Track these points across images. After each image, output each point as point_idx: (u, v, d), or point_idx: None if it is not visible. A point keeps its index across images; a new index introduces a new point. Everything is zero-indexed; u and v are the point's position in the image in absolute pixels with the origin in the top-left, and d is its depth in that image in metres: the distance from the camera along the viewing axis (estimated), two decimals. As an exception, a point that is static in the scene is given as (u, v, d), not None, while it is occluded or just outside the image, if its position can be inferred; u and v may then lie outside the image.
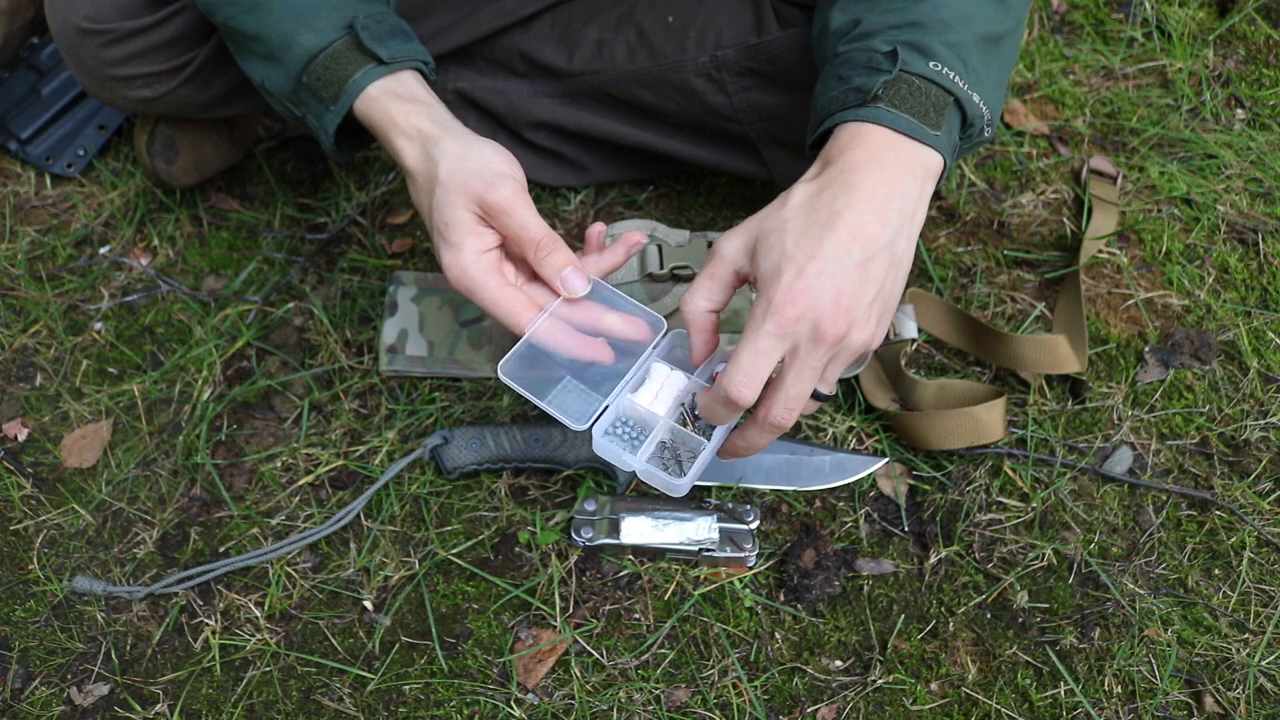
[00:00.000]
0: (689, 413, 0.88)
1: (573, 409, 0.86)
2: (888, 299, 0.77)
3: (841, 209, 0.74)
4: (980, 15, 0.83)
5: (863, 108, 0.78)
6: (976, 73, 0.81)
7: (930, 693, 0.94)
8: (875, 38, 0.81)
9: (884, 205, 0.75)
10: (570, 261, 0.84)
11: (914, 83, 0.78)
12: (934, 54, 0.79)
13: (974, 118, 0.81)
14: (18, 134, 1.32)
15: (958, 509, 1.03)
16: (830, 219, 0.74)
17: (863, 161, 0.76)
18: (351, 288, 1.21)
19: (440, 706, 0.93)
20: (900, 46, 0.79)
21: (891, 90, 0.78)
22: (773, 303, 0.73)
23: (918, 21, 0.81)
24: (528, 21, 1.18)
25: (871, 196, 0.75)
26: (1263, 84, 1.42)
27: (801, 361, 0.75)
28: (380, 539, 1.03)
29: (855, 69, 0.80)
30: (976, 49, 0.82)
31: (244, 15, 0.90)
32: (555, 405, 0.85)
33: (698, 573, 1.00)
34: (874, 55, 0.80)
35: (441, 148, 0.84)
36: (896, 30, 0.81)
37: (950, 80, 0.79)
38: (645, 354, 0.87)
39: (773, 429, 0.79)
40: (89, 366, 1.16)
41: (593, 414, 0.85)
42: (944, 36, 0.81)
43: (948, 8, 0.82)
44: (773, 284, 0.74)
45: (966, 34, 0.82)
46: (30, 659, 0.97)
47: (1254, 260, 1.23)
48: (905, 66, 0.78)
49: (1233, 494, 1.05)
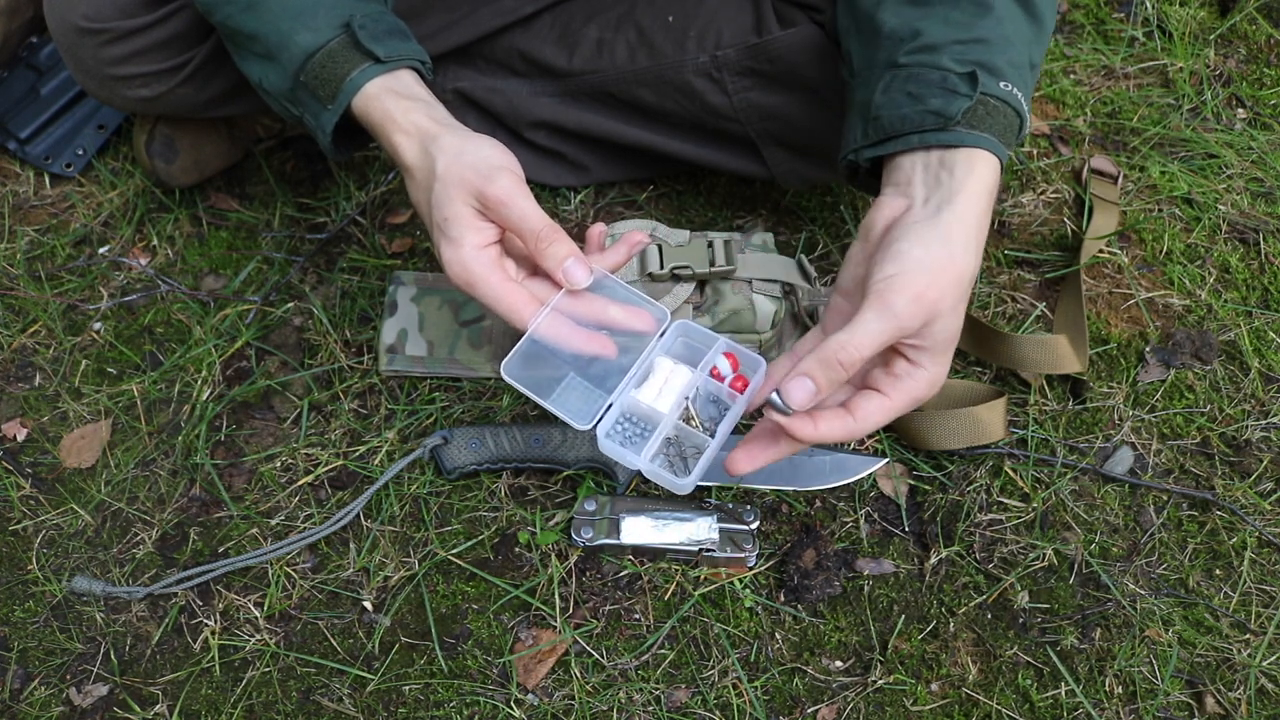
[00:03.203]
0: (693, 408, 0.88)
1: (577, 408, 0.85)
2: None
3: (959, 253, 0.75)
4: (1024, 33, 0.85)
5: (944, 132, 0.78)
6: (1029, 89, 0.83)
7: (931, 693, 0.93)
8: (943, 54, 0.81)
9: (982, 242, 0.78)
10: (572, 252, 0.83)
11: (991, 104, 0.79)
12: (1002, 73, 0.81)
13: (1024, 130, 0.83)
14: (17, 133, 1.32)
15: (958, 509, 1.03)
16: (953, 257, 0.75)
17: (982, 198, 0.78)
18: (351, 288, 1.21)
19: (440, 707, 0.93)
20: (977, 69, 0.80)
21: (972, 115, 0.79)
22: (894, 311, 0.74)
23: (984, 39, 0.82)
24: (527, 21, 1.18)
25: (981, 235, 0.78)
26: (1264, 83, 1.42)
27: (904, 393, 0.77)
28: (380, 539, 1.03)
29: (929, 88, 0.80)
30: (1028, 70, 0.84)
31: (241, 14, 0.90)
32: (559, 404, 0.85)
33: (698, 573, 1.00)
34: (948, 76, 0.80)
35: (440, 144, 0.83)
36: (963, 46, 0.81)
37: (1018, 100, 0.81)
38: (648, 348, 0.87)
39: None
40: (88, 366, 1.16)
41: (597, 412, 0.85)
42: (1008, 55, 0.82)
43: (1008, 22, 0.83)
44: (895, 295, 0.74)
45: (1022, 53, 0.84)
46: (29, 659, 0.97)
47: (1255, 260, 1.22)
48: (984, 89, 0.79)
49: (1234, 494, 1.04)
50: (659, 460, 0.87)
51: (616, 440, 0.87)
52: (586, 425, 0.84)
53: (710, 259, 1.11)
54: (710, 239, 1.13)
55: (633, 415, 0.88)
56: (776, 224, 1.26)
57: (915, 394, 0.76)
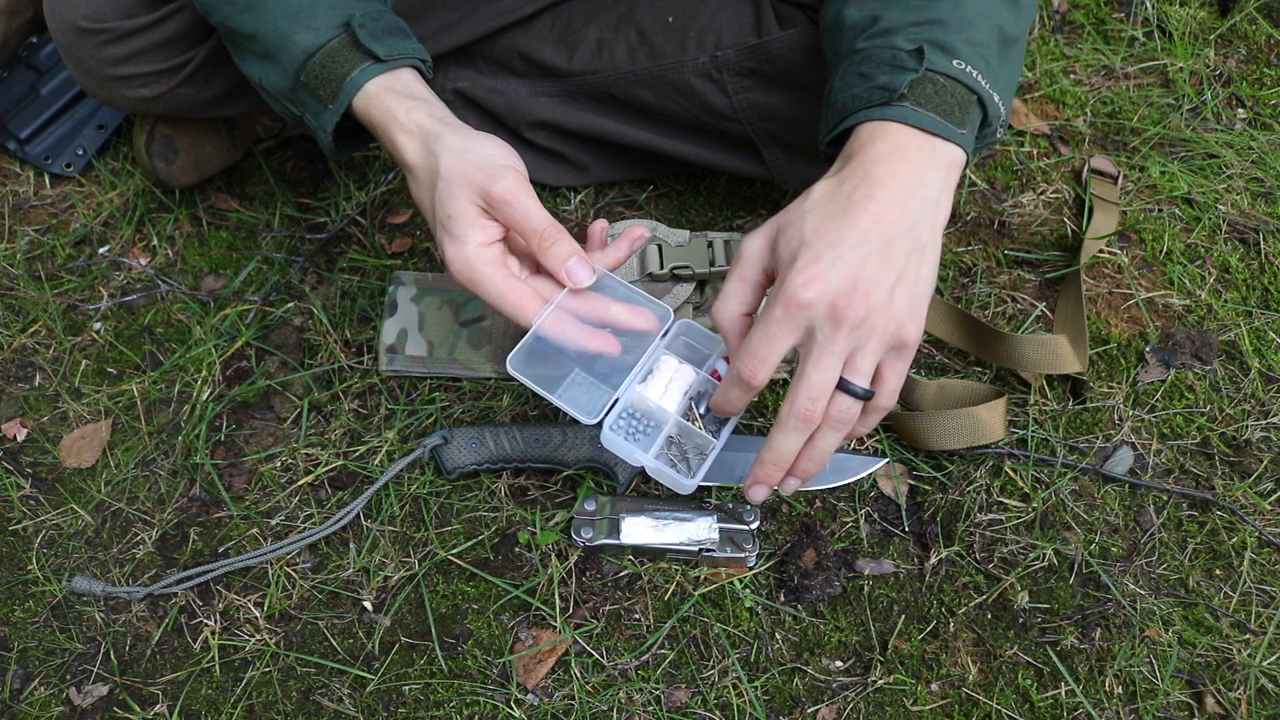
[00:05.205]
0: (696, 407, 0.88)
1: (583, 403, 0.86)
2: (914, 286, 0.75)
3: (862, 199, 0.74)
4: (996, 15, 0.83)
5: (888, 106, 0.77)
6: (995, 73, 0.81)
7: (931, 693, 0.93)
8: (897, 35, 0.80)
9: (906, 194, 0.74)
10: (575, 251, 0.83)
11: (939, 81, 0.78)
12: (957, 52, 0.79)
13: (993, 117, 0.81)
14: (16, 133, 1.32)
15: (958, 509, 1.03)
16: (849, 207, 0.74)
17: (885, 154, 0.76)
18: (351, 288, 1.21)
19: (440, 707, 0.93)
20: (925, 45, 0.78)
21: (917, 89, 0.77)
22: (785, 285, 0.73)
23: (939, 19, 0.81)
24: (528, 21, 1.18)
25: (893, 186, 0.74)
26: (1264, 83, 1.42)
27: (820, 347, 0.73)
28: (380, 539, 1.03)
29: (878, 67, 0.79)
30: (995, 49, 0.82)
31: (240, 14, 0.90)
32: (566, 400, 0.85)
33: (698, 573, 1.00)
34: (898, 53, 0.79)
35: (442, 142, 0.83)
36: (918, 28, 0.80)
37: (974, 79, 0.79)
38: (653, 345, 0.87)
39: (799, 423, 0.76)
40: (88, 366, 1.16)
41: (603, 407, 0.85)
42: (966, 34, 0.80)
43: (968, 5, 0.82)
44: (788, 269, 0.73)
45: (986, 33, 0.81)
46: (29, 659, 0.97)
47: (1255, 260, 1.22)
48: (931, 65, 0.78)
49: (1234, 494, 1.04)
50: (662, 458, 0.87)
51: (621, 435, 0.87)
52: (593, 420, 0.84)
53: (710, 259, 1.11)
54: (710, 239, 1.13)
55: (637, 412, 0.88)
56: (776, 224, 1.26)
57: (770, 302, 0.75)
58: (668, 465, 0.86)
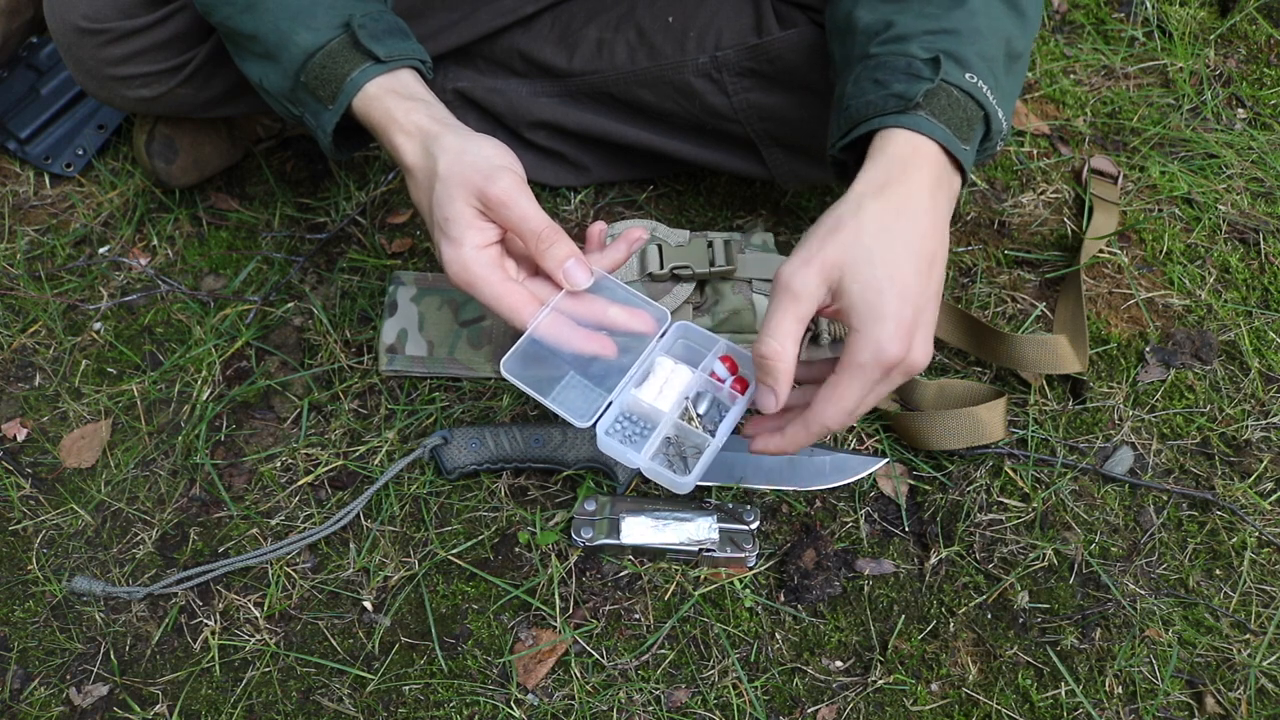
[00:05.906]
0: (693, 408, 0.88)
1: (577, 406, 0.85)
2: None
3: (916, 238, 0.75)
4: (1005, 28, 0.84)
5: (904, 114, 0.78)
6: (1001, 88, 0.82)
7: (931, 693, 0.93)
8: (911, 42, 0.81)
9: (944, 230, 0.78)
10: (573, 253, 0.83)
11: (952, 93, 0.79)
12: (970, 65, 0.80)
13: (995, 131, 0.82)
14: (17, 133, 1.32)
15: (958, 509, 1.03)
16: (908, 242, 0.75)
17: (928, 183, 0.77)
18: (351, 288, 1.21)
19: (440, 707, 0.93)
20: (940, 55, 0.79)
21: (932, 100, 0.78)
22: (876, 341, 0.74)
23: (954, 29, 0.81)
24: (527, 21, 1.18)
25: (932, 211, 0.77)
26: (1264, 83, 1.42)
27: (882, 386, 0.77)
28: (380, 539, 1.03)
29: (894, 74, 0.80)
30: (1002, 63, 0.83)
31: (240, 15, 0.90)
32: (559, 402, 0.85)
33: (698, 573, 1.00)
34: (913, 61, 0.79)
35: (441, 143, 0.83)
36: (933, 36, 0.81)
37: (983, 94, 0.80)
38: (649, 348, 0.87)
39: (821, 434, 0.79)
40: (88, 366, 1.16)
41: (597, 410, 0.85)
42: (978, 47, 0.81)
43: (981, 16, 0.82)
44: (874, 323, 0.74)
45: (996, 46, 0.82)
46: (29, 659, 0.97)
47: (1255, 260, 1.22)
48: (945, 76, 0.78)
49: (1234, 494, 1.04)
50: (659, 459, 0.87)
51: (616, 438, 0.87)
52: (586, 423, 0.84)
53: (710, 259, 1.11)
54: (710, 239, 1.13)
55: (633, 414, 0.88)
56: (776, 224, 1.26)
57: (856, 359, 0.75)
58: (664, 466, 0.86)
